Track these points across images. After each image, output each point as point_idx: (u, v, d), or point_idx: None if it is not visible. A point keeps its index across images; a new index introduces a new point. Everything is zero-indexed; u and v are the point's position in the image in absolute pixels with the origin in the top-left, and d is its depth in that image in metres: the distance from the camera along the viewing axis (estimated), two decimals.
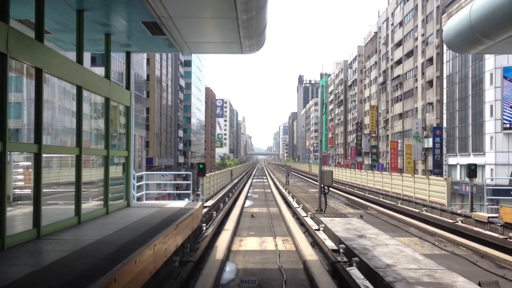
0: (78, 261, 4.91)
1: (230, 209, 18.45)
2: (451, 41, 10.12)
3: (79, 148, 7.47)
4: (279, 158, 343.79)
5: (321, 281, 7.09)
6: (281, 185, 35.64)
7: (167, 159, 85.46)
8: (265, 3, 7.80)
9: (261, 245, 11.19)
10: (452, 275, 6.62)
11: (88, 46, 9.11)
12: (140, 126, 63.62)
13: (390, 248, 8.59)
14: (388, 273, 6.69)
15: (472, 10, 9.11)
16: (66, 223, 7.15)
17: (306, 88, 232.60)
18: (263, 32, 9.12)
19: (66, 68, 7.13)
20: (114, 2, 7.39)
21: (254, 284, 7.43)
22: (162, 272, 6.97)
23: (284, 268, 8.62)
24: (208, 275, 7.51)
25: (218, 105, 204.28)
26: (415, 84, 59.04)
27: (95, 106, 9.01)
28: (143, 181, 13.66)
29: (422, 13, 56.73)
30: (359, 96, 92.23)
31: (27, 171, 6.59)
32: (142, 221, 7.94)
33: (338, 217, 13.60)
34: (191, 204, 11.07)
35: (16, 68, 6.10)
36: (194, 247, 9.83)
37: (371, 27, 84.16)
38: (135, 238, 6.22)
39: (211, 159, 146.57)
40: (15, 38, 5.59)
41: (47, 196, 6.76)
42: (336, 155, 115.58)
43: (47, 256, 5.19)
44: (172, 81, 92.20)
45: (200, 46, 10.13)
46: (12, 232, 5.67)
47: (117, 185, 9.88)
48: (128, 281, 4.72)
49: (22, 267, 4.61)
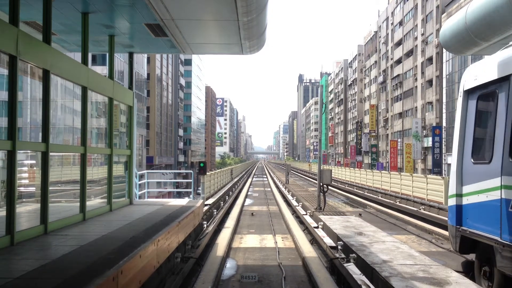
0: (85, 255, 5.12)
1: (231, 207, 18.65)
2: (447, 42, 10.32)
3: (84, 147, 7.68)
4: (279, 157, 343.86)
5: (320, 277, 7.30)
6: (281, 183, 35.82)
7: (167, 158, 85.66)
8: (265, 5, 7.99)
9: (261, 242, 11.39)
10: (446, 270, 6.83)
11: (92, 47, 9.31)
12: (141, 125, 63.81)
13: (387, 245, 8.80)
14: (384, 268, 6.89)
15: (467, 12, 9.30)
16: (72, 220, 7.37)
17: (306, 87, 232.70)
18: (263, 34, 9.32)
19: (72, 69, 7.33)
20: (119, 4, 7.59)
21: (254, 280, 7.63)
22: (164, 268, 7.19)
23: (284, 264, 8.81)
24: (209, 271, 7.71)
25: (218, 104, 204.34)
26: (414, 84, 59.22)
27: (99, 106, 9.21)
28: (145, 180, 13.86)
29: (422, 12, 56.88)
30: (359, 95, 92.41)
31: (32, 169, 6.80)
32: (145, 218, 8.14)
33: (337, 215, 13.79)
34: (193, 202, 11.27)
35: (24, 69, 6.30)
36: (196, 244, 10.03)
37: (371, 27, 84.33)
38: (139, 234, 6.43)
39: (211, 158, 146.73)
40: (24, 41, 5.80)
41: (53, 193, 6.96)
42: (336, 154, 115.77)
43: (55, 250, 5.40)
44: (173, 80, 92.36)
45: (201, 47, 10.33)
46: (21, 228, 5.89)
47: (120, 183, 10.09)
48: (134, 274, 4.93)
49: (32, 261, 4.81)
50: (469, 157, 7.28)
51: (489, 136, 6.90)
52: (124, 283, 4.53)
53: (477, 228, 6.91)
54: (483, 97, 7.16)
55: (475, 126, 7.30)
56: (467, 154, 7.34)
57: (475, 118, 7.29)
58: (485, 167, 6.78)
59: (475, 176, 7.04)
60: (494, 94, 6.74)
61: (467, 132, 7.45)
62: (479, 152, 7.18)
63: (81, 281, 3.99)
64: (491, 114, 6.91)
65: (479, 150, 7.21)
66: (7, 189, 5.55)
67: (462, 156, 7.48)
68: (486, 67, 7.09)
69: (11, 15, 5.74)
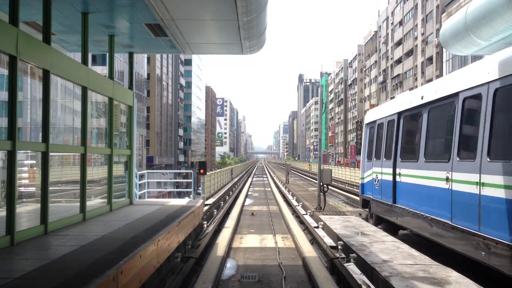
0: (86, 255, 5.12)
1: (231, 207, 18.64)
2: (447, 42, 10.32)
3: (84, 147, 7.68)
4: (279, 157, 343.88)
5: (320, 277, 7.30)
6: (281, 183, 35.82)
7: (167, 158, 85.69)
8: (265, 5, 7.99)
9: (261, 242, 11.39)
10: (446, 270, 6.83)
11: (92, 47, 9.31)
12: (141, 125, 63.83)
13: (387, 245, 8.79)
14: (384, 268, 6.88)
15: (467, 12, 9.29)
16: (72, 220, 7.37)
17: (306, 87, 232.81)
18: (263, 33, 9.32)
19: (72, 69, 7.33)
20: (119, 4, 7.59)
21: (254, 280, 7.62)
22: (165, 268, 7.19)
23: (284, 264, 8.81)
24: (210, 271, 7.71)
25: (218, 104, 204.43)
26: (415, 83, 59.20)
27: (99, 106, 9.22)
28: (145, 180, 13.86)
29: (422, 12, 56.89)
30: (359, 95, 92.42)
31: (32, 169, 6.80)
32: (145, 218, 8.14)
33: (337, 215, 13.79)
34: (193, 202, 11.28)
35: (24, 70, 6.31)
36: (196, 244, 10.03)
37: (371, 26, 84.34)
38: (139, 234, 6.43)
39: (211, 157, 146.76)
40: (24, 41, 5.80)
41: (53, 194, 6.97)
42: (336, 154, 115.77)
43: (55, 250, 5.40)
44: (173, 80, 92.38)
45: (201, 47, 10.34)
46: (21, 228, 5.89)
47: (120, 183, 10.09)
48: (134, 274, 4.94)
49: (32, 261, 4.82)
50: (365, 158, 14.19)
51: (371, 148, 13.47)
52: (124, 283, 4.53)
53: (367, 194, 13.74)
54: (370, 128, 13.96)
55: (368, 142, 14.02)
56: (364, 157, 14.29)
57: (368, 138, 14.03)
58: (369, 163, 13.63)
59: (366, 168, 13.83)
60: (373, 127, 13.53)
61: (364, 145, 14.45)
62: (368, 155, 13.93)
63: (81, 281, 3.99)
64: (373, 137, 13.43)
65: (368, 154, 13.91)
66: (7, 189, 5.55)
67: (363, 158, 14.36)
68: (369, 115, 14.42)
69: (11, 15, 5.74)
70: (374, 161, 12.87)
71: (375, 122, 13.24)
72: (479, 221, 6.96)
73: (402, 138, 11.01)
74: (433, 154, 9.16)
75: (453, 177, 7.86)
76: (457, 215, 7.73)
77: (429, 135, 9.34)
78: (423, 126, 9.51)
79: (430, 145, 9.35)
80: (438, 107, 9.01)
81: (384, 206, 11.84)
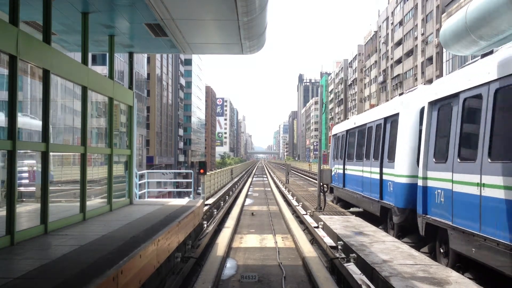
0: (86, 255, 5.12)
1: (231, 207, 18.64)
2: (447, 42, 10.29)
3: (84, 147, 7.68)
4: (279, 157, 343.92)
5: (320, 277, 7.30)
6: (281, 183, 35.80)
7: (167, 158, 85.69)
8: (265, 6, 7.99)
9: (261, 242, 11.39)
10: (446, 270, 6.83)
11: (92, 47, 9.31)
12: (141, 125, 63.84)
13: (387, 245, 8.79)
14: (384, 268, 6.88)
15: (468, 11, 9.27)
16: (72, 220, 7.37)
17: (306, 87, 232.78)
18: (263, 33, 9.32)
19: (72, 69, 7.33)
20: (119, 4, 7.58)
21: (254, 280, 7.62)
22: (165, 267, 7.19)
23: (284, 264, 8.81)
24: (210, 270, 7.71)
25: (218, 104, 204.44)
26: (415, 83, 59.17)
27: (99, 106, 9.22)
28: (145, 179, 13.86)
29: (422, 12, 56.90)
30: (359, 95, 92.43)
31: (32, 169, 6.80)
32: (145, 218, 8.14)
33: (337, 215, 13.79)
34: (193, 202, 11.28)
35: (25, 69, 6.31)
36: (196, 243, 10.04)
37: (371, 26, 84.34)
38: (139, 234, 6.43)
39: (211, 157, 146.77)
40: (25, 41, 5.80)
41: (53, 193, 6.97)
42: None
43: (55, 250, 5.40)
44: (173, 80, 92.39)
45: (201, 47, 10.33)
46: (21, 228, 5.89)
47: (120, 183, 10.09)
48: (134, 274, 4.94)
49: (33, 260, 4.82)
50: (333, 158, 20.29)
51: (337, 151, 19.31)
52: (124, 283, 4.53)
53: (334, 183, 18.50)
54: (334, 139, 20.26)
55: (334, 147, 20.21)
56: (333, 157, 20.20)
57: (335, 144, 20.02)
58: (333, 162, 19.97)
59: (332, 166, 20.06)
60: (335, 138, 20.03)
61: (331, 150, 21.13)
62: (333, 157, 20.20)
63: (81, 281, 3.99)
64: (335, 144, 20.08)
65: (333, 156, 20.19)
66: (7, 189, 5.55)
67: (332, 158, 20.36)
68: (334, 129, 21.02)
69: (11, 15, 5.74)
70: (335, 160, 19.51)
71: (336, 135, 19.94)
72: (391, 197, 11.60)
73: (348, 146, 17.53)
74: (358, 156, 15.48)
75: (369, 169, 13.71)
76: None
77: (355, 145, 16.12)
78: (356, 139, 16.13)
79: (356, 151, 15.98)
80: (361, 129, 15.57)
81: (339, 190, 18.02)
